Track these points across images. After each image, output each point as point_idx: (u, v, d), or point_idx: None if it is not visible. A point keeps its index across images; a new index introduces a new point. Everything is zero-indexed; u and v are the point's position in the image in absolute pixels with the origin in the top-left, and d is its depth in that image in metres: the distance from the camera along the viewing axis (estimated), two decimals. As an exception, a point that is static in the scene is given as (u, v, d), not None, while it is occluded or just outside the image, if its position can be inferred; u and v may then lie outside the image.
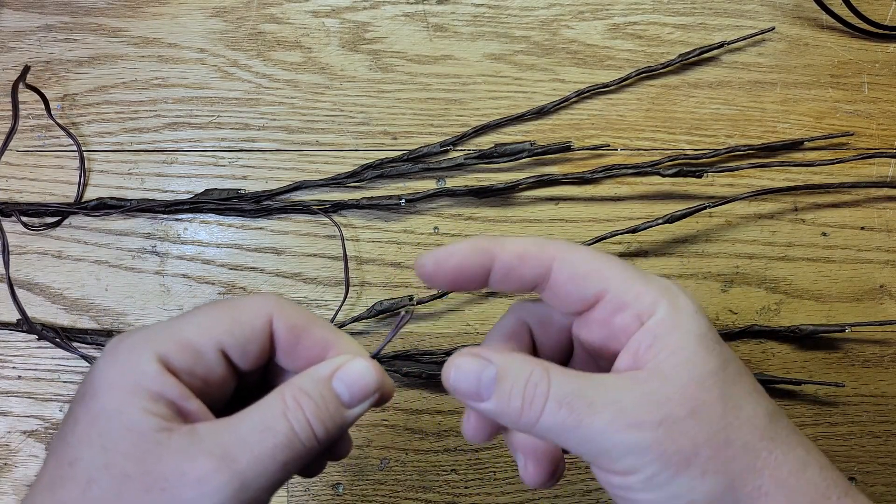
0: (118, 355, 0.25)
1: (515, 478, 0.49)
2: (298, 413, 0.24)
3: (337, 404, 0.26)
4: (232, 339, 0.26)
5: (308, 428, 0.25)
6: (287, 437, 0.24)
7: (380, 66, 0.52)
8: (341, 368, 0.26)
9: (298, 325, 0.27)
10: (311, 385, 0.25)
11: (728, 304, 0.51)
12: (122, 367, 0.25)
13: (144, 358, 0.24)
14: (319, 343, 0.27)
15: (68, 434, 0.24)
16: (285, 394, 0.25)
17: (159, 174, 0.51)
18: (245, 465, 0.23)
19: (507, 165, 0.51)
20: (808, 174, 0.52)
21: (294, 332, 0.27)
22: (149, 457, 0.23)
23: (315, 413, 0.25)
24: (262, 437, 0.24)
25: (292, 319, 0.27)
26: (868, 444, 0.50)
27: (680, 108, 0.52)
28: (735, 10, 0.53)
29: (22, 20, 0.52)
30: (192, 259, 0.50)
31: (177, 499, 0.23)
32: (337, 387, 0.26)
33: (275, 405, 0.25)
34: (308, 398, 0.25)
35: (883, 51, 0.53)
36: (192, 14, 0.52)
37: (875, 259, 0.51)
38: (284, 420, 0.24)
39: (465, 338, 0.50)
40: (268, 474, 0.24)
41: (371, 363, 0.27)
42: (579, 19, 0.53)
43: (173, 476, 0.23)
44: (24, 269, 0.50)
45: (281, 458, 0.24)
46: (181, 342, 0.25)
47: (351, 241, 0.50)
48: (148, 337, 0.25)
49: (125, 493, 0.23)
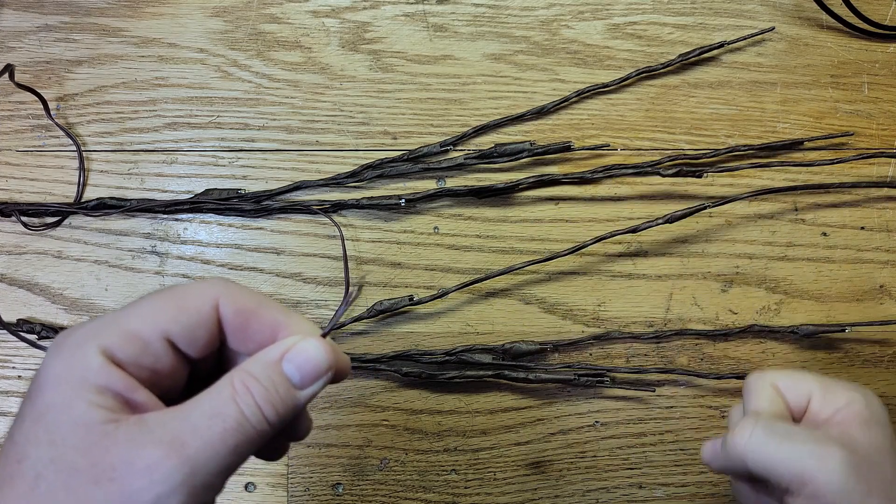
0: (62, 351, 0.25)
1: (515, 478, 0.49)
2: (247, 397, 0.24)
3: (287, 386, 0.26)
4: (178, 327, 0.25)
5: (258, 412, 0.24)
6: (237, 421, 0.24)
7: (380, 66, 0.52)
8: (291, 350, 0.26)
9: (246, 308, 0.26)
10: (260, 369, 0.25)
11: (728, 304, 0.51)
12: (67, 361, 0.24)
13: (89, 352, 0.24)
14: (270, 324, 0.27)
15: (16, 433, 0.24)
16: (234, 379, 0.25)
17: (159, 174, 0.51)
18: (194, 451, 0.23)
19: (507, 165, 0.51)
20: (808, 174, 0.52)
21: (242, 315, 0.26)
22: (96, 449, 0.23)
23: (264, 397, 0.25)
24: (211, 422, 0.24)
25: (239, 302, 0.26)
26: (868, 444, 0.50)
27: (680, 108, 0.52)
28: (735, 10, 0.53)
29: (22, 20, 0.52)
30: (192, 259, 0.50)
31: (126, 488, 0.23)
32: (287, 369, 0.26)
33: (223, 391, 0.24)
34: (257, 382, 0.25)
35: (883, 51, 0.53)
36: (192, 14, 0.52)
37: (875, 259, 0.51)
38: (233, 405, 0.24)
39: (464, 338, 0.50)
40: (218, 459, 0.24)
41: (322, 342, 0.26)
42: (579, 19, 0.53)
43: (122, 466, 0.23)
44: (24, 269, 0.50)
45: (231, 443, 0.24)
46: (126, 333, 0.25)
47: (351, 241, 0.50)
48: (92, 330, 0.25)
49: (74, 486, 0.23)
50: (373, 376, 0.49)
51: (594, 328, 0.50)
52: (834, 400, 0.35)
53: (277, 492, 0.48)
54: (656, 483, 0.50)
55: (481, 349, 0.49)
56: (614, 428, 0.50)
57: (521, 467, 0.49)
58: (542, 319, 0.50)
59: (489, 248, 0.51)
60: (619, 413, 0.50)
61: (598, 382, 0.48)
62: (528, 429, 0.49)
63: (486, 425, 0.49)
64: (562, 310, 0.50)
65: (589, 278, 0.51)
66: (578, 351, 0.50)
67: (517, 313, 0.50)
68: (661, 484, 0.50)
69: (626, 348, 0.50)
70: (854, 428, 0.33)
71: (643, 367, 0.49)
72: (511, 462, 0.49)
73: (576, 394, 0.50)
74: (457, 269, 0.50)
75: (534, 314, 0.50)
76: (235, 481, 0.48)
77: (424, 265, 0.50)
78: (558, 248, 0.49)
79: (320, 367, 0.26)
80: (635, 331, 0.50)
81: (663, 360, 0.50)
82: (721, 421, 0.50)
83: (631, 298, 0.51)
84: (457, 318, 0.50)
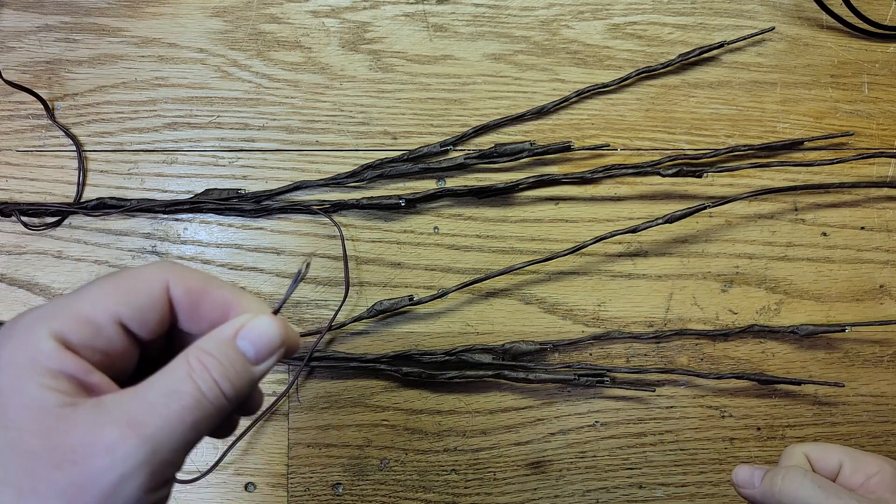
0: (12, 336, 0.25)
1: (515, 478, 0.49)
2: (204, 373, 0.25)
3: (243, 362, 0.26)
4: (129, 310, 0.25)
5: (215, 387, 0.25)
6: (194, 397, 0.24)
7: (380, 66, 0.52)
8: (245, 327, 0.26)
9: (196, 289, 0.27)
10: (215, 346, 0.26)
11: (728, 304, 0.51)
12: (17, 347, 0.24)
13: (40, 336, 0.24)
14: (220, 304, 0.27)
15: None
16: (189, 356, 0.25)
17: (159, 174, 0.51)
18: (154, 429, 0.23)
19: (507, 165, 0.51)
20: (808, 174, 0.52)
21: (192, 295, 0.27)
22: (54, 433, 0.23)
23: (221, 372, 0.25)
24: (168, 400, 0.24)
25: (189, 283, 0.26)
26: (868, 444, 0.50)
27: (680, 108, 0.52)
28: (735, 10, 0.53)
29: (22, 20, 0.52)
30: (192, 259, 0.50)
31: (88, 469, 0.23)
32: (241, 345, 0.26)
33: (180, 369, 0.25)
34: (212, 358, 0.25)
35: (883, 51, 0.53)
36: (192, 14, 0.52)
37: (875, 259, 0.51)
38: (190, 381, 0.24)
39: (465, 338, 0.50)
40: (178, 436, 0.24)
41: (274, 318, 0.27)
42: (579, 19, 0.53)
43: (82, 448, 0.23)
44: (24, 269, 0.50)
45: (190, 420, 0.24)
46: (77, 317, 0.25)
47: (351, 241, 0.50)
48: (42, 315, 0.25)
49: (34, 470, 0.23)
50: (373, 376, 0.49)
51: (594, 328, 0.50)
52: (865, 468, 0.37)
53: (277, 492, 0.48)
54: (656, 483, 0.50)
55: (481, 349, 0.49)
56: (614, 428, 0.50)
57: (521, 467, 0.49)
58: (542, 319, 0.50)
59: (489, 248, 0.51)
60: (619, 413, 0.50)
61: (598, 382, 0.48)
62: (528, 429, 0.49)
63: (486, 425, 0.49)
64: (562, 310, 0.50)
65: (589, 278, 0.51)
66: (578, 351, 0.50)
67: (517, 313, 0.50)
68: (661, 484, 0.50)
69: (626, 348, 0.50)
70: (887, 494, 0.36)
71: (643, 367, 0.49)
72: (511, 462, 0.49)
73: (576, 394, 0.50)
74: (457, 269, 0.50)
75: (534, 314, 0.50)
76: (235, 481, 0.48)
77: (424, 265, 0.50)
78: (558, 248, 0.49)
79: (274, 343, 0.27)
80: (635, 331, 0.50)
81: (663, 360, 0.50)
82: (721, 421, 0.50)
83: (631, 298, 0.51)
84: (457, 318, 0.50)
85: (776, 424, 0.50)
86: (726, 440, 0.50)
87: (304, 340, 0.49)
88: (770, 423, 0.50)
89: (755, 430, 0.50)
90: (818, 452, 0.39)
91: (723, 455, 0.50)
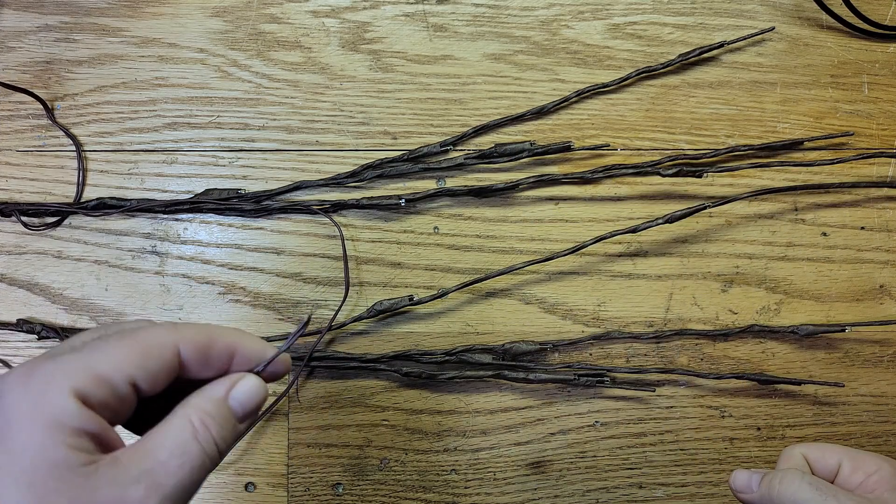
0: (31, 388, 0.25)
1: (515, 478, 0.49)
2: (207, 435, 0.27)
3: (233, 421, 0.28)
4: (143, 373, 0.27)
5: (214, 446, 0.27)
6: (200, 458, 0.27)
7: (380, 66, 0.52)
8: (235, 387, 0.29)
9: (203, 345, 0.28)
10: (213, 406, 0.28)
11: (728, 304, 0.51)
12: (38, 402, 0.25)
13: (62, 393, 0.25)
14: (226, 352, 0.29)
15: None
16: (192, 418, 0.27)
17: (159, 174, 0.51)
18: (170, 488, 0.26)
19: (507, 165, 0.51)
20: (808, 174, 0.52)
21: (202, 351, 0.28)
22: (81, 491, 0.24)
23: (218, 432, 0.27)
24: (181, 461, 0.26)
25: (197, 342, 0.28)
26: (868, 444, 0.50)
27: (680, 108, 0.52)
28: (735, 10, 0.53)
29: (22, 20, 0.52)
30: (192, 259, 0.50)
31: None
32: (233, 405, 0.28)
33: (185, 429, 0.27)
34: (212, 420, 0.27)
35: (883, 51, 0.53)
36: (192, 14, 0.52)
37: (875, 259, 0.51)
38: (196, 443, 0.27)
39: (465, 338, 0.50)
40: (187, 491, 0.26)
41: (258, 380, 0.29)
42: (579, 19, 0.53)
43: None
44: (24, 269, 0.50)
45: (196, 477, 0.27)
46: (97, 377, 0.26)
47: (351, 241, 0.50)
48: (62, 369, 0.26)
49: None
50: (373, 376, 0.49)
51: (594, 328, 0.50)
52: (864, 467, 0.38)
53: (277, 492, 0.48)
54: (656, 483, 0.50)
55: (481, 349, 0.49)
56: (614, 428, 0.50)
57: (521, 467, 0.49)
58: (542, 319, 0.50)
59: (489, 248, 0.51)
60: (619, 413, 0.50)
61: (598, 382, 0.48)
62: (528, 429, 0.49)
63: (486, 425, 0.49)
64: (562, 310, 0.50)
65: (589, 278, 0.51)
66: (578, 351, 0.50)
67: (517, 313, 0.50)
68: (661, 484, 0.50)
69: (626, 348, 0.50)
70: (886, 493, 0.37)
71: (643, 367, 0.49)
72: (511, 462, 0.49)
73: (576, 394, 0.50)
74: (457, 269, 0.50)
75: (534, 314, 0.50)
76: (235, 481, 0.48)
77: (424, 265, 0.50)
78: (558, 248, 0.49)
79: (259, 402, 0.29)
80: (635, 331, 0.50)
81: (663, 360, 0.50)
82: (721, 421, 0.50)
83: (631, 298, 0.51)
84: (457, 318, 0.50)
85: (776, 424, 0.50)
86: (726, 440, 0.50)
87: (303, 340, 0.49)
88: (770, 423, 0.50)
89: (755, 430, 0.50)
90: (817, 453, 0.39)
91: (723, 455, 0.50)
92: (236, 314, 0.50)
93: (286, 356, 0.31)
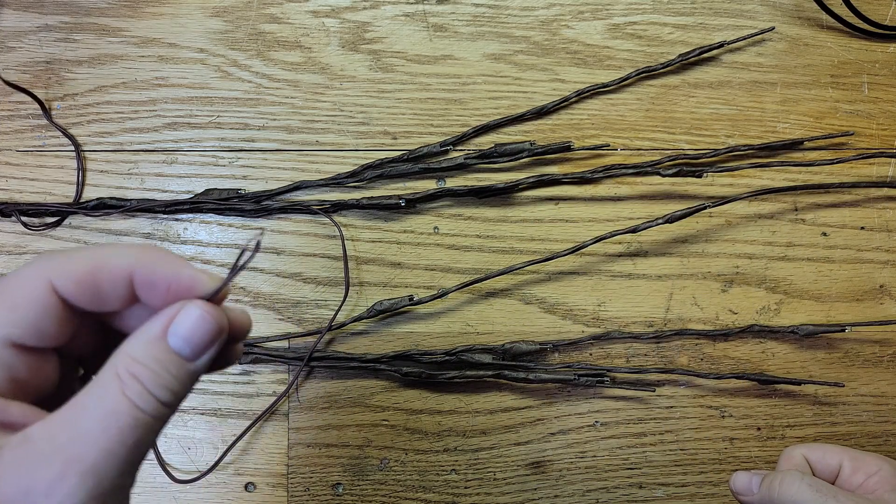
0: None
1: (515, 478, 0.49)
2: (136, 386, 0.22)
3: (178, 362, 0.23)
4: (18, 329, 0.22)
5: (151, 398, 0.22)
6: (132, 416, 0.22)
7: (380, 66, 0.52)
8: (175, 321, 0.23)
9: (86, 273, 0.23)
10: (143, 350, 0.22)
11: (728, 304, 0.51)
12: None
13: None
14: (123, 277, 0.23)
15: None
16: (118, 366, 0.22)
17: (159, 174, 0.51)
18: (94, 461, 0.21)
19: (507, 165, 0.51)
20: (808, 174, 0.52)
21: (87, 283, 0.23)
22: None
23: (154, 381, 0.22)
24: (105, 425, 0.21)
25: (75, 271, 0.23)
26: (868, 444, 0.50)
27: (680, 108, 0.52)
28: (735, 10, 0.53)
29: (22, 20, 0.52)
30: (191, 259, 0.50)
31: None
32: (174, 343, 0.23)
33: (110, 384, 0.22)
34: (142, 367, 0.22)
35: (883, 51, 0.53)
36: (192, 14, 0.52)
37: (875, 259, 0.51)
38: (124, 399, 0.22)
39: (465, 338, 0.50)
40: (120, 460, 0.21)
41: (204, 305, 0.23)
42: (579, 19, 0.53)
43: (18, 496, 0.20)
44: (24, 269, 0.50)
45: (131, 441, 0.22)
46: None
47: (351, 241, 0.50)
48: None
49: None
50: (373, 376, 0.49)
51: (594, 328, 0.50)
52: (864, 468, 0.38)
53: (277, 492, 0.48)
54: (656, 483, 0.50)
55: (481, 349, 0.49)
56: (614, 428, 0.50)
57: (521, 467, 0.49)
58: (542, 319, 0.50)
59: (489, 248, 0.51)
60: (619, 413, 0.50)
61: (598, 382, 0.48)
62: (528, 429, 0.49)
63: (486, 425, 0.49)
64: (562, 310, 0.50)
65: (589, 278, 0.51)
66: (578, 351, 0.50)
67: (517, 313, 0.50)
68: (661, 484, 0.50)
69: (626, 348, 0.50)
70: (887, 493, 0.37)
71: (643, 367, 0.49)
72: (511, 462, 0.49)
73: (576, 394, 0.50)
74: (457, 269, 0.50)
75: (534, 314, 0.50)
76: (235, 481, 0.48)
77: (424, 265, 0.50)
78: (558, 248, 0.49)
79: (211, 332, 0.23)
80: (635, 331, 0.50)
81: (663, 360, 0.50)
82: (721, 421, 0.50)
83: (631, 298, 0.51)
84: (457, 318, 0.50)
85: (776, 424, 0.50)
86: (726, 440, 0.50)
87: (303, 340, 0.49)
88: (770, 423, 0.50)
89: (755, 430, 0.50)
90: (817, 453, 0.39)
91: (723, 455, 0.50)
92: (236, 314, 0.50)
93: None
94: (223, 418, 0.49)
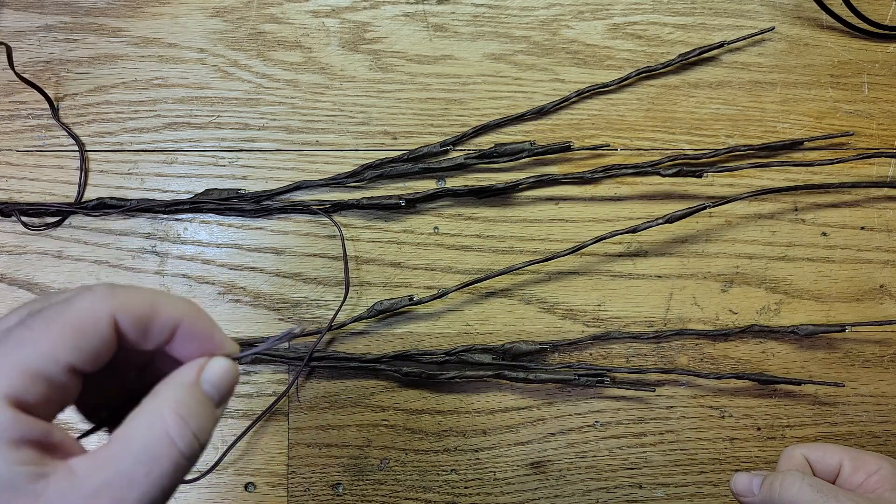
0: None
1: (515, 478, 0.49)
2: (184, 429, 0.23)
3: (211, 406, 0.25)
4: (81, 355, 0.23)
5: (194, 440, 0.24)
6: (174, 460, 0.23)
7: (380, 66, 0.52)
8: (206, 369, 0.25)
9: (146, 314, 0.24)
10: (186, 394, 0.24)
11: (728, 304, 0.51)
12: None
13: None
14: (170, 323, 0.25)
15: None
16: (164, 412, 0.23)
17: (159, 174, 0.51)
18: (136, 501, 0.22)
19: (507, 165, 0.51)
20: (808, 174, 0.52)
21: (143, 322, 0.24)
22: None
23: (198, 424, 0.24)
24: (147, 468, 0.22)
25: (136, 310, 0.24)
26: (868, 444, 0.50)
27: (680, 108, 0.52)
28: (735, 10, 0.53)
29: (22, 20, 0.52)
30: (192, 259, 0.50)
31: None
32: (206, 389, 0.25)
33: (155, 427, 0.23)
34: (188, 410, 0.24)
35: (883, 51, 0.53)
36: (192, 14, 0.52)
37: (875, 259, 0.51)
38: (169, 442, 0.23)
39: (465, 338, 0.50)
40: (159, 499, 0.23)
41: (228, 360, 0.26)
42: (579, 19, 0.53)
43: None
44: (24, 269, 0.50)
45: (169, 483, 0.23)
46: (29, 374, 0.22)
47: (351, 241, 0.50)
48: None
49: None
50: (373, 376, 0.49)
51: (594, 328, 0.50)
52: (865, 467, 0.38)
53: (277, 492, 0.48)
54: (656, 483, 0.50)
55: (481, 349, 0.49)
56: (614, 428, 0.50)
57: (521, 467, 0.49)
58: (542, 319, 0.50)
59: (489, 248, 0.51)
60: (619, 413, 0.50)
61: (598, 382, 0.48)
62: (528, 429, 0.49)
63: (486, 425, 0.49)
64: (562, 310, 0.50)
65: (589, 278, 0.51)
66: (578, 351, 0.50)
67: (517, 313, 0.50)
68: (661, 484, 0.50)
69: (626, 348, 0.50)
70: (887, 492, 0.37)
71: (643, 367, 0.49)
72: (511, 462, 0.49)
73: (576, 394, 0.50)
74: (457, 269, 0.50)
75: (534, 314, 0.50)
76: (235, 481, 0.48)
77: (424, 265, 0.50)
78: (558, 248, 0.49)
79: (233, 383, 0.26)
80: (635, 331, 0.50)
81: (663, 360, 0.50)
82: (721, 421, 0.50)
83: (631, 298, 0.51)
84: (457, 318, 0.50)
85: (776, 424, 0.50)
86: (726, 440, 0.50)
87: (303, 340, 0.49)
88: (770, 423, 0.50)
89: (755, 430, 0.50)
90: (818, 453, 0.39)
91: (723, 455, 0.50)
92: (236, 314, 0.50)
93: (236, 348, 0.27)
94: (223, 418, 0.49)
